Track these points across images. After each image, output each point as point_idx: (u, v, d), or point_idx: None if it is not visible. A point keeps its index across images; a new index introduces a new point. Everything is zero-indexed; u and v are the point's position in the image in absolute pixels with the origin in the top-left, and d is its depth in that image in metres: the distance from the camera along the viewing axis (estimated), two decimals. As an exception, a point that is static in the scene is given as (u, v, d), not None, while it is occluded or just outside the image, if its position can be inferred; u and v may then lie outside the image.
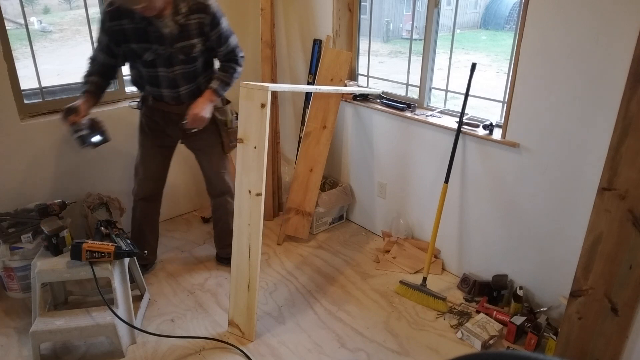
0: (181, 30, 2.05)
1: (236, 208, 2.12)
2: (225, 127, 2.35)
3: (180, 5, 2.00)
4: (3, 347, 2.13)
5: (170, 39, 2.06)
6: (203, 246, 2.88)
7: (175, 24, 2.03)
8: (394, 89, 2.98)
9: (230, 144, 2.39)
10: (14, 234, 2.34)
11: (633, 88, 1.46)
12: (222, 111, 2.35)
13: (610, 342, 1.69)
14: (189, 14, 2.02)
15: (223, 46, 2.18)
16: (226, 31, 2.15)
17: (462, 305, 2.44)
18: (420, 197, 2.77)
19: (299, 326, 2.29)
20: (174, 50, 2.08)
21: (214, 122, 2.30)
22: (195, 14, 2.03)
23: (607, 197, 1.58)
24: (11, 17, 2.78)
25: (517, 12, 2.18)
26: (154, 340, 2.17)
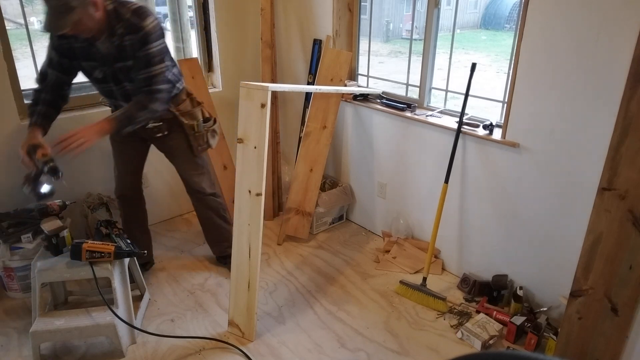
0: (118, 51, 1.97)
1: (236, 208, 2.12)
2: (192, 131, 2.28)
3: (116, 27, 1.92)
4: (3, 347, 2.13)
5: (110, 59, 2.00)
6: (203, 246, 2.88)
7: (112, 45, 1.96)
8: (394, 89, 2.98)
9: (199, 147, 2.33)
10: (14, 234, 2.34)
11: (633, 88, 1.46)
12: (191, 114, 2.29)
13: (610, 342, 1.69)
14: (124, 36, 1.93)
15: (143, 70, 1.95)
16: (153, 57, 1.94)
17: (462, 305, 2.44)
18: (420, 197, 2.77)
19: (299, 326, 2.29)
20: (116, 69, 2.03)
21: (180, 125, 2.26)
22: (128, 35, 1.93)
23: (607, 197, 1.58)
24: (11, 17, 2.78)
25: (517, 12, 2.18)
26: (154, 340, 2.17)
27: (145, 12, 1.93)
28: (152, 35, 1.93)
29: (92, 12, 1.83)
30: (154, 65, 1.96)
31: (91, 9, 1.82)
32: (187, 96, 2.31)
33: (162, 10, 4.65)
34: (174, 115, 2.25)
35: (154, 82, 1.98)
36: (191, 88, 2.97)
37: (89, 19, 1.84)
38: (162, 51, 1.99)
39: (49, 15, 1.77)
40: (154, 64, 1.96)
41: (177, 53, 3.39)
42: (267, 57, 3.03)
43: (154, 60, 1.95)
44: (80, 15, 1.79)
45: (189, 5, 3.24)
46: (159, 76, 1.99)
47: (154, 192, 3.11)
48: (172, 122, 2.27)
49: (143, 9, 1.94)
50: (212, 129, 2.38)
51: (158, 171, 3.09)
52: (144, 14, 1.93)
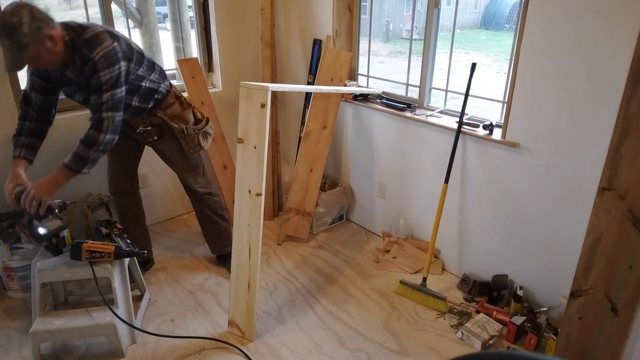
0: (85, 79, 1.96)
1: (236, 208, 2.12)
2: (182, 134, 2.27)
3: (75, 58, 1.91)
4: (3, 347, 2.13)
5: (84, 86, 2.00)
6: (203, 246, 2.87)
7: (78, 73, 1.96)
8: (394, 89, 2.98)
9: (191, 150, 2.33)
10: (14, 234, 2.34)
11: (633, 88, 1.46)
12: (180, 117, 2.28)
13: (610, 342, 1.69)
14: (82, 66, 1.92)
15: (94, 95, 1.92)
16: (102, 84, 1.89)
17: (462, 305, 2.44)
18: (420, 197, 2.77)
19: (299, 326, 2.29)
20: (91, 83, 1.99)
21: (170, 129, 2.26)
22: (84, 66, 1.91)
23: (607, 197, 1.58)
24: (11, 17, 2.78)
25: (517, 12, 2.18)
26: (154, 340, 2.17)
27: (95, 43, 1.87)
28: (99, 64, 1.88)
29: (50, 46, 1.81)
30: (102, 93, 1.90)
31: (48, 43, 1.80)
32: (175, 99, 2.29)
33: (162, 10, 4.66)
34: (163, 120, 2.25)
35: (99, 109, 1.92)
36: (191, 88, 2.99)
37: (48, 53, 1.82)
38: (111, 79, 1.90)
39: (5, 54, 1.77)
40: (102, 92, 1.90)
41: (177, 53, 3.40)
42: (267, 57, 3.03)
43: (101, 88, 1.90)
44: (36, 51, 1.78)
45: (189, 5, 3.24)
46: (106, 103, 1.92)
47: (153, 192, 3.11)
48: (161, 126, 2.27)
49: (94, 39, 1.88)
50: (203, 130, 2.35)
51: (157, 171, 3.09)
52: (94, 44, 1.88)
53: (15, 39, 1.71)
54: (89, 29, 1.91)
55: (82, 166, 1.94)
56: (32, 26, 1.72)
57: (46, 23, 1.77)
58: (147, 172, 3.02)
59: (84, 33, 1.89)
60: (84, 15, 2.68)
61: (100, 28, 1.93)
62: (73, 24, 1.91)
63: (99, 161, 2.00)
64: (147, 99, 2.18)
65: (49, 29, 1.78)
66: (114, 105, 1.93)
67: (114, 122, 1.94)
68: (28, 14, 1.72)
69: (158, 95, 2.21)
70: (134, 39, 2.65)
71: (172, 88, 2.31)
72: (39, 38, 1.76)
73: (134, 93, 2.11)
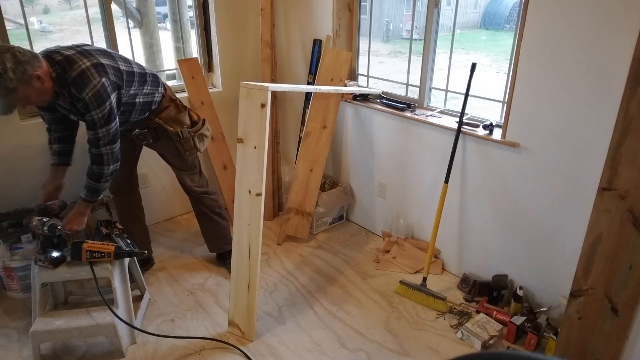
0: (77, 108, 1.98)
1: (236, 208, 2.12)
2: (178, 137, 2.29)
3: (63, 92, 1.93)
4: (3, 347, 2.13)
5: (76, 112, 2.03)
6: (203, 246, 2.87)
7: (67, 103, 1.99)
8: (394, 89, 2.98)
9: (186, 152, 2.34)
10: (14, 234, 2.34)
11: (633, 88, 1.46)
12: (175, 120, 2.29)
13: (610, 342, 1.69)
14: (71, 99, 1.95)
15: (89, 131, 1.99)
16: (96, 122, 1.95)
17: (462, 305, 2.44)
18: (420, 197, 2.77)
19: (299, 326, 2.29)
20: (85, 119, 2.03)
21: (165, 131, 2.28)
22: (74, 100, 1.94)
23: (607, 197, 1.58)
24: (11, 17, 2.78)
25: (517, 12, 2.18)
26: (154, 340, 2.17)
27: (83, 82, 1.88)
28: (90, 104, 1.91)
29: (38, 85, 1.82)
30: (97, 129, 1.97)
31: (36, 83, 1.80)
32: (170, 102, 2.30)
33: (162, 10, 4.67)
34: (158, 124, 2.26)
35: (97, 144, 2.00)
36: (191, 88, 2.99)
37: (37, 92, 1.84)
38: (104, 116, 1.95)
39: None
40: (97, 128, 1.96)
41: (177, 53, 3.40)
42: (267, 57, 3.03)
43: (96, 125, 1.95)
44: (25, 93, 1.79)
45: (189, 5, 3.24)
46: (103, 139, 1.99)
47: (153, 192, 3.11)
48: (157, 129, 2.29)
49: (81, 78, 1.88)
50: (199, 132, 2.36)
51: (157, 172, 3.09)
52: (82, 84, 1.89)
53: (2, 85, 1.72)
54: (75, 63, 1.89)
55: (97, 196, 2.12)
56: (17, 71, 1.73)
57: (31, 64, 1.77)
58: (146, 173, 3.02)
59: (71, 69, 1.88)
60: (84, 15, 2.68)
61: (86, 62, 1.91)
62: (58, 57, 1.89)
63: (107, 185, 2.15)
64: (144, 110, 2.22)
65: (34, 70, 1.79)
66: (111, 139, 2.02)
67: (113, 153, 2.05)
68: (11, 59, 1.72)
69: (154, 105, 2.24)
70: (134, 39, 2.66)
71: (167, 91, 2.32)
72: (25, 80, 1.76)
73: (130, 112, 2.16)
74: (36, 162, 2.59)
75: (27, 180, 2.58)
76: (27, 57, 1.76)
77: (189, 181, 2.50)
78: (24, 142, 2.52)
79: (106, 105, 1.94)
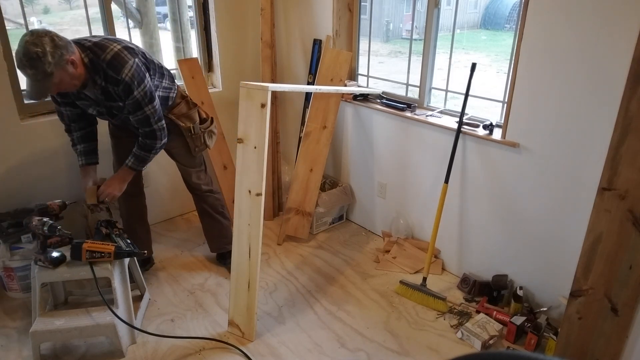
0: (105, 95, 2.01)
1: (236, 208, 2.12)
2: (189, 133, 2.32)
3: (96, 77, 1.94)
4: (3, 347, 2.13)
5: (101, 101, 2.05)
6: (203, 246, 2.88)
7: (98, 91, 2.00)
8: (394, 89, 2.98)
9: (197, 148, 2.37)
10: (14, 234, 2.34)
11: (633, 88, 1.46)
12: (187, 117, 2.32)
13: (610, 342, 1.69)
14: (106, 84, 1.96)
15: (134, 114, 2.05)
16: (140, 101, 2.00)
17: (462, 305, 2.44)
18: (420, 197, 2.77)
19: (299, 326, 2.29)
20: (108, 107, 2.07)
21: (177, 127, 2.29)
22: (110, 85, 1.96)
23: (607, 197, 1.58)
24: (11, 17, 2.78)
25: (517, 12, 2.18)
26: (154, 340, 2.17)
27: (119, 63, 1.91)
28: (132, 84, 1.94)
29: (72, 70, 1.84)
30: (144, 108, 2.02)
31: (70, 68, 1.83)
32: (182, 99, 2.33)
33: (162, 10, 4.66)
34: (170, 119, 2.27)
35: (148, 123, 2.07)
36: (191, 88, 2.99)
37: (70, 77, 1.85)
38: (147, 93, 2.00)
39: (29, 84, 1.80)
40: (143, 107, 2.02)
41: (177, 53, 3.40)
42: (267, 57, 3.03)
43: (141, 104, 2.01)
44: (60, 78, 1.81)
45: (189, 5, 3.24)
46: (152, 116, 2.06)
47: (154, 192, 3.11)
48: (168, 125, 2.28)
49: (117, 60, 1.92)
50: (209, 129, 2.40)
51: (158, 172, 3.09)
52: (119, 65, 1.91)
53: (40, 69, 1.74)
54: (106, 48, 1.93)
55: (143, 165, 2.23)
56: (55, 55, 1.75)
57: (67, 49, 1.80)
58: (147, 172, 3.02)
59: (103, 53, 1.92)
60: (84, 15, 2.68)
61: (117, 45, 1.95)
62: (87, 43, 1.93)
63: None
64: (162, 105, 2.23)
65: (70, 55, 1.81)
66: (159, 115, 2.09)
67: (164, 128, 2.14)
68: (50, 42, 1.75)
69: (170, 100, 2.27)
70: (134, 39, 2.66)
71: (179, 88, 2.35)
72: (61, 65, 1.78)
73: None
74: (36, 162, 2.59)
75: (27, 180, 2.58)
76: (63, 42, 1.79)
77: (196, 178, 2.50)
78: (24, 142, 2.52)
79: (146, 83, 1.98)
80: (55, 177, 2.67)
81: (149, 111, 2.03)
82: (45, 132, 2.58)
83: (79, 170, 2.29)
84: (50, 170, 2.65)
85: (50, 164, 2.65)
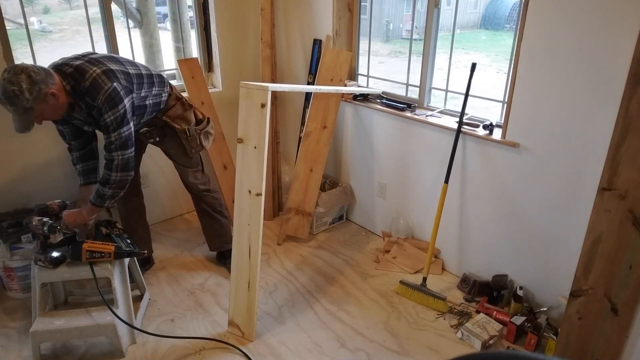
0: (92, 117, 2.01)
1: (236, 208, 2.12)
2: (185, 135, 2.31)
3: (80, 102, 1.95)
4: (3, 347, 2.13)
5: (91, 122, 2.06)
6: (203, 246, 2.88)
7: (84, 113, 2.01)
8: (394, 89, 2.98)
9: (193, 149, 2.37)
10: (14, 234, 2.34)
11: (633, 88, 1.46)
12: (183, 118, 2.32)
13: (610, 342, 1.69)
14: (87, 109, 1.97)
15: (105, 136, 2.02)
16: (109, 126, 1.98)
17: (462, 305, 2.44)
18: (420, 197, 2.77)
19: (299, 326, 2.29)
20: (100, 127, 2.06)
21: (172, 129, 2.29)
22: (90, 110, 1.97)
23: (607, 197, 1.58)
24: (11, 17, 2.78)
25: (517, 12, 2.18)
26: (154, 340, 2.17)
27: (96, 89, 1.91)
28: (103, 108, 1.93)
29: (53, 102, 1.84)
30: (110, 132, 1.99)
31: (51, 100, 1.83)
32: (177, 100, 2.33)
33: (162, 10, 4.66)
34: (165, 122, 2.28)
35: (110, 148, 2.02)
36: (191, 88, 2.99)
37: (52, 109, 1.86)
38: (117, 119, 1.97)
39: (13, 118, 1.82)
40: (110, 132, 1.99)
41: (177, 53, 3.40)
42: (267, 57, 3.03)
43: (109, 128, 1.98)
44: (41, 110, 1.82)
45: (189, 5, 3.24)
46: (115, 143, 2.01)
47: (154, 192, 3.11)
48: (163, 127, 2.30)
49: (94, 86, 1.91)
50: (205, 130, 2.39)
51: (158, 171, 3.09)
52: (95, 91, 1.91)
53: (19, 105, 1.75)
54: (86, 73, 1.91)
55: (102, 202, 2.09)
56: (32, 91, 1.75)
57: (45, 83, 1.79)
58: (147, 172, 3.02)
59: (83, 80, 1.91)
60: (84, 15, 2.68)
61: (96, 70, 1.93)
62: (68, 70, 1.91)
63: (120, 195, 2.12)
64: (153, 111, 2.25)
65: (49, 88, 1.81)
66: (122, 144, 2.02)
67: (124, 159, 2.04)
68: (26, 79, 1.74)
69: (162, 104, 2.27)
70: (134, 39, 2.66)
71: (173, 90, 2.34)
72: (40, 99, 1.79)
73: (142, 114, 2.18)
74: (37, 162, 2.59)
75: (27, 180, 2.58)
76: (41, 76, 1.78)
77: (192, 178, 2.51)
78: (24, 143, 2.52)
79: (119, 109, 1.96)
80: (55, 177, 2.67)
81: (113, 137, 1.99)
82: (45, 132, 2.57)
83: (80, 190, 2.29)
84: (50, 170, 2.65)
85: (50, 164, 2.65)
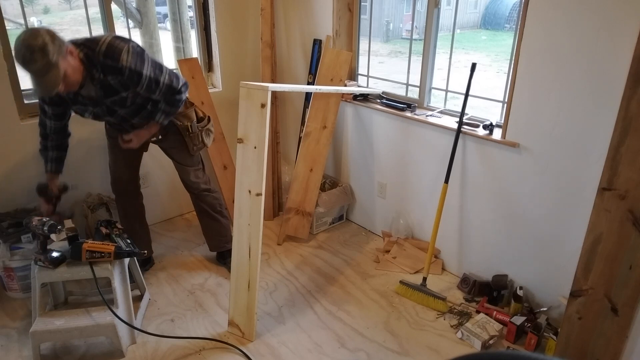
0: (105, 89, 2.00)
1: (236, 208, 2.12)
2: (187, 132, 2.32)
3: (93, 72, 1.93)
4: (3, 347, 2.13)
5: (100, 98, 2.04)
6: (203, 246, 2.88)
7: (96, 87, 1.99)
8: (394, 89, 2.98)
9: (195, 147, 2.38)
10: (14, 234, 2.34)
11: (633, 88, 1.46)
12: (185, 116, 2.32)
13: (610, 342, 1.69)
14: (105, 76, 1.95)
15: (156, 92, 2.06)
16: (153, 77, 2.00)
17: (462, 305, 2.44)
18: (420, 197, 2.77)
19: (299, 326, 2.29)
20: (108, 104, 2.06)
21: (175, 126, 2.30)
22: (110, 75, 1.94)
23: (607, 197, 1.58)
24: (11, 17, 2.78)
25: (517, 12, 2.18)
26: (154, 340, 2.17)
27: (115, 51, 1.90)
28: (134, 69, 1.93)
29: (73, 62, 1.84)
30: (159, 82, 2.03)
31: (70, 59, 1.83)
32: None
33: (162, 10, 4.66)
34: None
35: (173, 87, 2.08)
36: (191, 88, 2.99)
37: (72, 70, 1.85)
38: (154, 67, 2.00)
39: (36, 80, 1.77)
40: (159, 80, 2.03)
41: (177, 53, 3.40)
42: (267, 57, 3.03)
43: (155, 80, 2.01)
44: (64, 68, 1.80)
45: (189, 5, 3.24)
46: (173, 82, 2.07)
47: (154, 192, 3.11)
48: (166, 125, 2.29)
49: (112, 48, 1.90)
50: (206, 128, 2.40)
51: (157, 172, 3.09)
52: (115, 53, 1.90)
53: (45, 60, 1.72)
54: (99, 40, 1.93)
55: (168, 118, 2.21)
56: (55, 44, 1.75)
57: (63, 42, 1.81)
58: (147, 172, 3.02)
59: (97, 45, 1.91)
60: (84, 15, 2.68)
61: (108, 36, 1.95)
62: (80, 41, 1.93)
63: None
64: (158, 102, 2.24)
65: (67, 46, 1.82)
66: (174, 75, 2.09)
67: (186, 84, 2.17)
68: (47, 34, 1.75)
69: None
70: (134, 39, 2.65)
71: None
72: (63, 54, 1.78)
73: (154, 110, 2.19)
74: (37, 162, 2.59)
75: (27, 180, 2.57)
76: (59, 35, 1.79)
77: (194, 177, 2.50)
78: (24, 142, 2.52)
79: (144, 59, 1.98)
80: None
81: (167, 80, 2.04)
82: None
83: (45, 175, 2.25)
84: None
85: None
